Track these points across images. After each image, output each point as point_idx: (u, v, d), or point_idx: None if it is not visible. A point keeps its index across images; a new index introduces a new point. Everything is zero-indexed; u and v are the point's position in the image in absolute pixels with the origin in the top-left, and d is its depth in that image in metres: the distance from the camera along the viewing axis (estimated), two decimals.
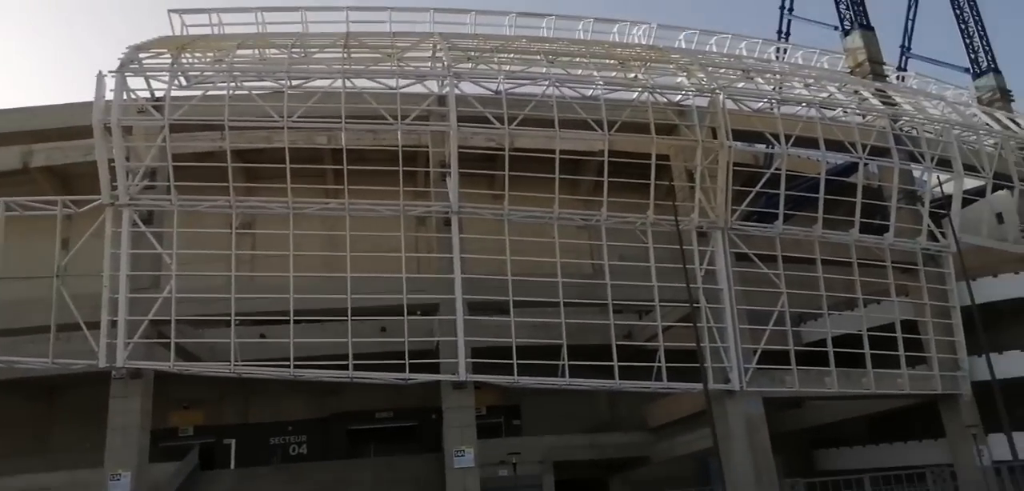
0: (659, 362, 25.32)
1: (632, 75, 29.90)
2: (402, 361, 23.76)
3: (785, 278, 27.64)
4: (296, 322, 24.58)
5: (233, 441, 32.65)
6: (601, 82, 28.40)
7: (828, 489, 27.64)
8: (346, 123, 25.44)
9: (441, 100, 27.03)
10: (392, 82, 27.35)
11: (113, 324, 23.22)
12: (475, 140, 30.48)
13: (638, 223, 27.17)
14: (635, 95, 28.33)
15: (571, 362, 24.63)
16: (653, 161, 26.84)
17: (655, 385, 25.55)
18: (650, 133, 26.78)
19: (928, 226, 30.17)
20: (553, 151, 25.97)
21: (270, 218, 26.15)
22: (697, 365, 23.95)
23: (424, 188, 28.84)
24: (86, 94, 35.03)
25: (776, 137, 28.21)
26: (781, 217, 28.12)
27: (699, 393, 24.28)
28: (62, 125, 29.71)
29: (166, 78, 25.64)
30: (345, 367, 23.62)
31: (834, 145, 29.55)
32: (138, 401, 23.23)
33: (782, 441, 28.61)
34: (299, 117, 25.31)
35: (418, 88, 28.18)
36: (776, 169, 28.31)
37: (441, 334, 25.28)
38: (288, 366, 23.43)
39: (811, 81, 33.60)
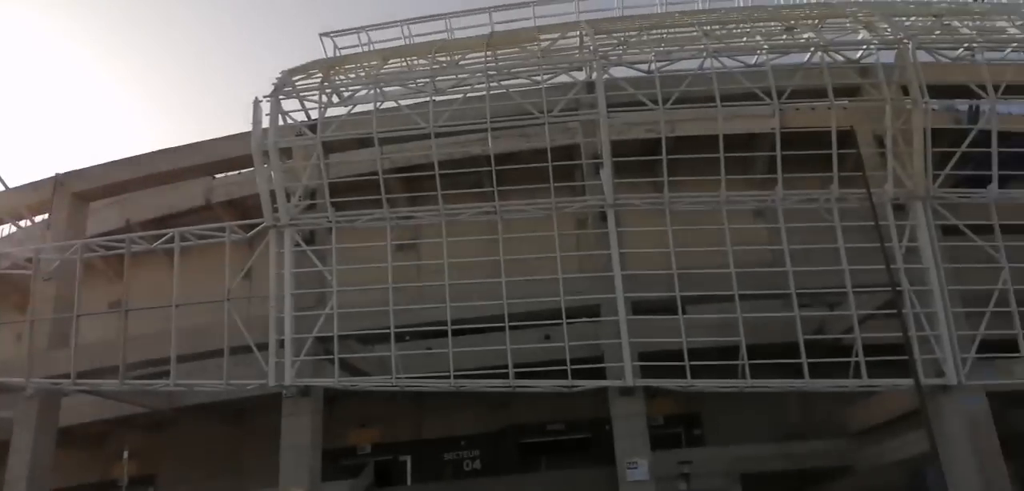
0: (856, 357, 22.24)
1: (803, 36, 26.82)
2: (566, 368, 22.46)
3: (1006, 251, 23.46)
4: (463, 333, 24.15)
5: (408, 457, 32.82)
6: (766, 47, 25.66)
7: None
8: (491, 125, 24.67)
9: (589, 88, 25.64)
10: (538, 77, 26.53)
11: (281, 344, 23.76)
12: (633, 132, 28.89)
13: (821, 200, 24.15)
14: (807, 56, 25.34)
15: (753, 361, 22.21)
16: (834, 129, 23.77)
17: (853, 383, 22.41)
18: (828, 98, 23.76)
19: None
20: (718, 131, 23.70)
21: (435, 230, 25.82)
22: (903, 358, 20.76)
23: (583, 184, 27.48)
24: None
25: (982, 88, 24.17)
26: (995, 179, 23.99)
27: (907, 390, 21.16)
28: (236, 155, 31.04)
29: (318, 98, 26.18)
30: (507, 377, 22.69)
31: None
32: (308, 419, 23.68)
33: (1015, 444, 24.33)
34: (447, 124, 24.95)
35: (567, 80, 27.22)
36: (985, 125, 24.30)
37: (604, 337, 23.70)
38: (448, 377, 22.86)
39: (1021, 20, 28.65)
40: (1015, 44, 26.46)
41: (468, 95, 26.31)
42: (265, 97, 26.07)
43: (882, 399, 25.06)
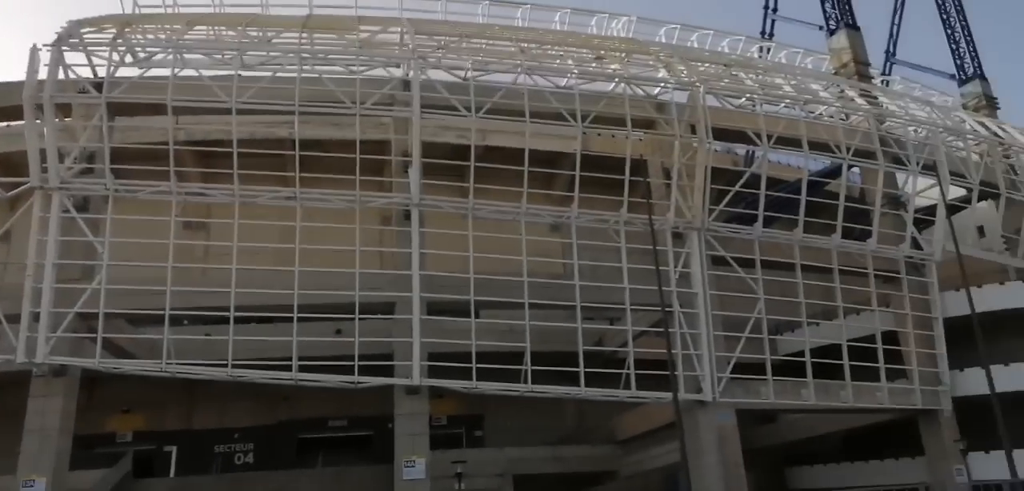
0: (628, 370, 23.91)
1: (610, 66, 28.49)
2: (353, 364, 22.16)
3: (763, 284, 26.37)
4: (248, 321, 23.14)
5: (174, 448, 30.78)
6: (576, 72, 26.98)
7: None
8: (300, 108, 23.84)
9: (405, 85, 25.58)
10: (354, 67, 26.09)
11: (36, 317, 21.43)
12: (445, 137, 29.13)
13: (611, 222, 25.73)
14: (611, 86, 26.91)
15: (535, 368, 23.15)
16: (628, 157, 25.47)
17: (623, 394, 24.07)
18: (626, 126, 25.43)
19: (912, 233, 29.03)
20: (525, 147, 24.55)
21: (227, 211, 24.33)
22: (668, 373, 22.64)
23: (391, 181, 27.22)
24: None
25: (757, 136, 27.02)
26: (761, 220, 26.89)
27: (669, 403, 22.95)
28: (4, 105, 27.64)
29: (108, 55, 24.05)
30: (291, 369, 21.98)
31: (817, 146, 28.36)
32: (60, 401, 21.41)
33: (754, 457, 27.40)
34: (253, 102, 23.79)
35: (383, 75, 26.98)
36: (756, 169, 27.21)
37: (396, 335, 23.67)
38: (226, 366, 21.76)
39: (795, 80, 32.39)
40: (788, 101, 29.86)
41: (278, 74, 25.31)
42: (46, 45, 23.61)
43: (647, 410, 27.11)
